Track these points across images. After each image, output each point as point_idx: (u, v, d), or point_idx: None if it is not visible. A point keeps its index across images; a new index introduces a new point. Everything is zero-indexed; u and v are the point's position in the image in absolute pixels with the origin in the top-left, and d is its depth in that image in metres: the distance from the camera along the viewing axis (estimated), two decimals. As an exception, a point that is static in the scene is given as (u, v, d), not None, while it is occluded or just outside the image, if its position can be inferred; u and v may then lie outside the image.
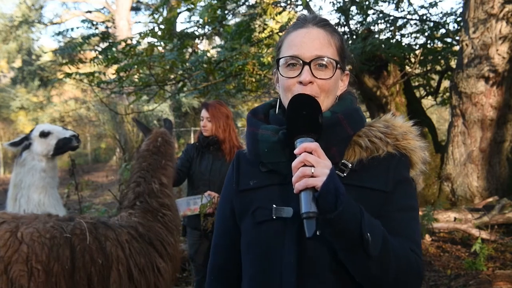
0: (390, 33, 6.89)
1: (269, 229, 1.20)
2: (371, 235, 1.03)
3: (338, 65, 1.22)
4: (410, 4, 7.04)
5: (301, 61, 1.20)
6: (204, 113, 3.42)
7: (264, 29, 6.00)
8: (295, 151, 1.09)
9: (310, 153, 1.07)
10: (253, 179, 1.29)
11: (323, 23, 1.25)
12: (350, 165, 1.20)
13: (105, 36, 5.73)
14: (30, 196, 3.08)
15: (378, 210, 1.17)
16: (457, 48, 6.61)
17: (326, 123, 1.17)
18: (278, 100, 1.32)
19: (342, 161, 1.20)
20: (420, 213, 4.33)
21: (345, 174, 1.19)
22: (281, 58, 1.24)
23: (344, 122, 1.20)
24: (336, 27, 1.41)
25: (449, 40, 6.91)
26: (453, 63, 7.11)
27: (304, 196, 1.04)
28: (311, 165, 1.05)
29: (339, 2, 6.35)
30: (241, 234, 1.31)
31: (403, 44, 6.78)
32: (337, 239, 1.07)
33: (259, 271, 1.22)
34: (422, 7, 7.08)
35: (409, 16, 7.07)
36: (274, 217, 1.18)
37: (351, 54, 1.36)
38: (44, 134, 3.22)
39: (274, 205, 1.18)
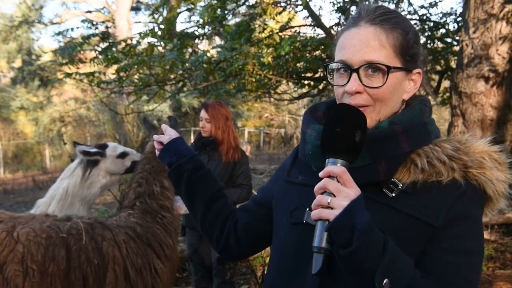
0: (390, 33, 6.87)
1: (301, 233, 1.11)
2: (391, 281, 0.90)
3: (392, 70, 1.06)
4: (410, 4, 7.03)
5: (348, 68, 1.07)
6: (203, 114, 3.42)
7: (264, 29, 5.98)
8: (320, 174, 0.97)
9: (337, 178, 0.96)
10: (303, 175, 1.20)
11: (380, 19, 1.08)
12: (401, 185, 1.03)
13: (105, 36, 5.71)
14: (75, 204, 3.15)
15: (423, 246, 1.02)
16: (457, 48, 6.60)
17: (379, 133, 1.04)
18: None
19: (393, 180, 1.04)
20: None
21: (393, 195, 1.03)
22: (329, 64, 1.12)
23: (401, 136, 1.04)
24: (337, 27, 1.26)
25: (449, 40, 6.90)
26: (453, 63, 7.09)
27: (319, 227, 0.95)
28: (331, 193, 0.94)
29: (339, 2, 6.34)
30: (265, 218, 1.28)
31: (403, 44, 6.75)
32: (350, 276, 0.95)
33: (284, 272, 1.16)
34: (422, 7, 7.07)
35: (409, 16, 7.06)
36: (304, 221, 1.08)
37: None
38: (122, 155, 3.32)
39: (307, 209, 1.07)
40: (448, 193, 1.02)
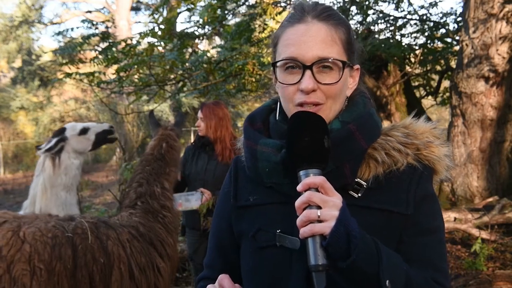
0: (390, 33, 6.89)
1: (273, 256, 1.06)
2: (391, 282, 0.89)
3: (346, 65, 1.04)
4: (410, 4, 7.05)
5: (301, 65, 1.02)
6: (199, 113, 3.47)
7: (264, 29, 5.99)
8: (298, 188, 0.92)
9: (317, 189, 0.91)
10: (253, 194, 1.12)
11: (325, 15, 1.05)
12: (365, 184, 1.03)
13: (105, 36, 5.72)
14: (59, 194, 3.13)
15: (399, 234, 1.04)
16: (457, 48, 6.61)
17: (337, 136, 1.01)
18: (278, 103, 1.13)
19: (356, 180, 1.04)
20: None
21: (359, 195, 1.04)
22: (277, 61, 1.07)
23: (357, 134, 1.03)
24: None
25: (449, 40, 6.92)
26: (453, 63, 7.10)
27: (311, 244, 0.89)
28: (317, 205, 0.89)
29: (339, 2, 6.35)
30: (240, 255, 1.15)
31: (403, 44, 6.78)
32: (350, 286, 0.92)
33: None
34: (422, 7, 7.09)
35: (409, 16, 7.08)
36: (278, 245, 1.04)
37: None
38: (83, 131, 3.28)
39: (278, 231, 1.04)
40: (408, 179, 1.05)
